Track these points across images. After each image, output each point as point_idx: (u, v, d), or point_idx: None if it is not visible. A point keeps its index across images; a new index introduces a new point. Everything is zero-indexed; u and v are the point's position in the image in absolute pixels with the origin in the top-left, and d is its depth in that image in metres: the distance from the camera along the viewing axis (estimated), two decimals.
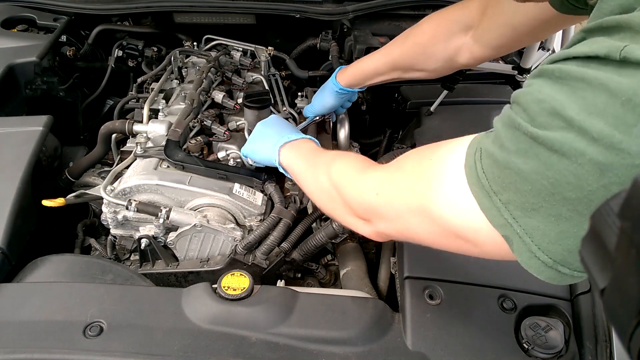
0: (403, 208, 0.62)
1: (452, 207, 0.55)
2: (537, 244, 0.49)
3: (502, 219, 0.50)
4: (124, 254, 1.15)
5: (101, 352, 0.74)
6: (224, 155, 1.14)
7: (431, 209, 0.57)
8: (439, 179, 0.57)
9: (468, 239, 0.55)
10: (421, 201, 0.59)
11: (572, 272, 0.49)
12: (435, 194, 0.57)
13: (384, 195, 0.65)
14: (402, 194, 0.62)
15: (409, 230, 0.63)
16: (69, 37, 1.50)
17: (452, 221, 0.55)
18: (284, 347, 0.75)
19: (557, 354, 0.75)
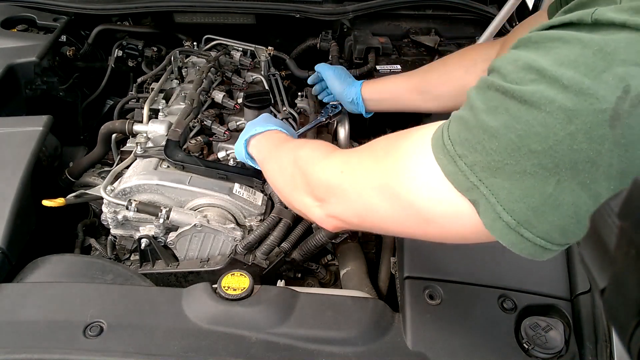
0: (366, 185, 0.60)
1: (416, 181, 0.54)
2: (502, 204, 0.48)
3: (468, 182, 0.50)
4: (124, 254, 1.15)
5: (101, 352, 0.74)
6: (224, 155, 1.14)
7: (394, 185, 0.56)
8: (406, 154, 0.56)
9: (430, 216, 0.54)
10: (386, 177, 0.57)
11: (534, 238, 0.48)
12: (400, 168, 0.56)
13: (348, 172, 0.64)
14: (368, 171, 0.61)
15: (369, 211, 0.61)
16: (69, 37, 1.50)
17: (415, 196, 0.54)
18: (284, 347, 0.75)
19: (557, 354, 0.75)
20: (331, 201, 0.67)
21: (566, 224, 0.47)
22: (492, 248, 0.92)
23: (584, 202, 0.45)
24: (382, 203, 0.59)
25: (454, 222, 0.53)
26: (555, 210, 0.46)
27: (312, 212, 0.72)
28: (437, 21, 1.61)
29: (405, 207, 0.56)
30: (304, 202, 0.73)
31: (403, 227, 0.59)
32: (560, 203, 0.46)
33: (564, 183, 0.45)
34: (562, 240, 0.49)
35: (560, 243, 0.49)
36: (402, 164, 0.56)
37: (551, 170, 0.45)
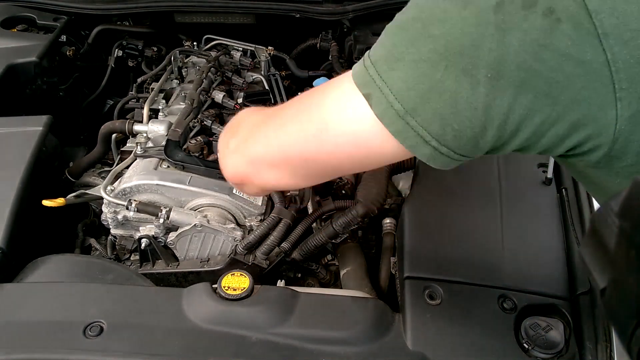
0: (285, 114, 0.65)
1: (330, 97, 0.58)
2: (395, 93, 0.51)
3: (368, 77, 0.53)
4: (124, 254, 1.15)
5: (101, 352, 0.74)
6: None
7: (311, 109, 0.59)
8: (325, 91, 0.60)
9: (332, 125, 0.57)
10: (306, 108, 0.61)
11: (417, 126, 0.51)
12: (325, 97, 0.59)
13: (272, 117, 0.67)
14: (291, 111, 0.65)
15: (282, 139, 0.64)
16: (69, 37, 1.50)
17: (326, 108, 0.58)
18: (284, 347, 0.75)
19: (557, 354, 0.75)
20: (248, 142, 0.69)
21: (445, 113, 0.50)
22: (492, 248, 0.92)
23: (464, 90, 0.49)
24: (295, 126, 0.62)
25: (352, 123, 0.56)
26: (439, 97, 0.50)
27: (227, 159, 0.73)
28: None
29: (312, 121, 0.59)
30: (225, 145, 0.75)
31: (308, 147, 0.61)
32: (445, 90, 0.49)
33: (451, 68, 0.48)
34: (439, 131, 0.51)
35: (437, 135, 0.52)
36: (326, 94, 0.59)
37: (442, 55, 0.49)
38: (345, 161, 0.60)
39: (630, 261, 0.35)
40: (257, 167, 0.68)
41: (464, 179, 1.06)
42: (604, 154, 0.50)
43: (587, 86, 0.46)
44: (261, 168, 0.68)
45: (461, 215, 0.97)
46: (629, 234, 0.35)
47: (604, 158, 0.51)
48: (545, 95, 0.47)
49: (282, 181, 0.68)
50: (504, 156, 1.10)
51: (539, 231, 0.95)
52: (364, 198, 1.04)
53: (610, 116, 0.47)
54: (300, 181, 0.70)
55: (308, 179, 0.69)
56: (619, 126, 0.47)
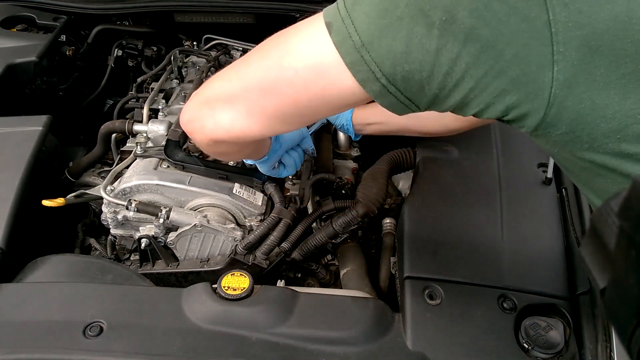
0: (251, 60, 0.64)
1: (300, 33, 0.59)
2: (356, 24, 0.53)
3: (335, 9, 0.55)
4: (124, 254, 1.15)
5: (101, 352, 0.74)
6: None
7: (278, 40, 0.60)
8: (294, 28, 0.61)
9: (296, 58, 0.57)
10: (272, 49, 0.61)
11: (370, 61, 0.53)
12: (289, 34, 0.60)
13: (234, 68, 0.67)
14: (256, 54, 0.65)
15: (242, 71, 0.64)
16: (69, 36, 1.50)
17: (295, 44, 0.58)
18: (284, 347, 0.75)
19: (557, 354, 0.75)
20: (211, 84, 0.69)
21: (398, 52, 0.51)
22: (492, 248, 0.92)
23: (420, 30, 0.50)
24: (255, 56, 0.63)
25: (313, 50, 0.57)
26: (395, 34, 0.51)
27: (186, 107, 0.72)
28: None
29: (280, 49, 0.60)
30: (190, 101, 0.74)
31: (272, 72, 0.61)
32: (401, 27, 0.51)
33: (410, 7, 0.50)
34: (390, 70, 0.53)
35: (388, 73, 0.53)
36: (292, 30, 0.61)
37: None
38: (303, 95, 0.60)
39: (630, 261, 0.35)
40: (211, 104, 0.67)
41: (464, 179, 1.06)
42: (540, 120, 0.51)
43: (529, 43, 0.48)
44: (216, 106, 0.67)
45: (461, 215, 0.97)
46: (629, 234, 0.35)
47: (540, 125, 0.52)
48: (490, 47, 0.49)
49: (236, 122, 0.66)
50: (504, 156, 1.10)
51: (539, 231, 0.95)
52: (364, 198, 1.04)
53: (547, 77, 0.48)
54: (256, 122, 0.66)
55: (264, 119, 0.66)
56: (554, 90, 0.49)
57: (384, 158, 1.17)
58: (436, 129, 1.08)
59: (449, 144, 1.13)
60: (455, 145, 1.13)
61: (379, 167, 1.14)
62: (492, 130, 1.14)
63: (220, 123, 0.67)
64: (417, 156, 1.13)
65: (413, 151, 1.16)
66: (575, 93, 0.48)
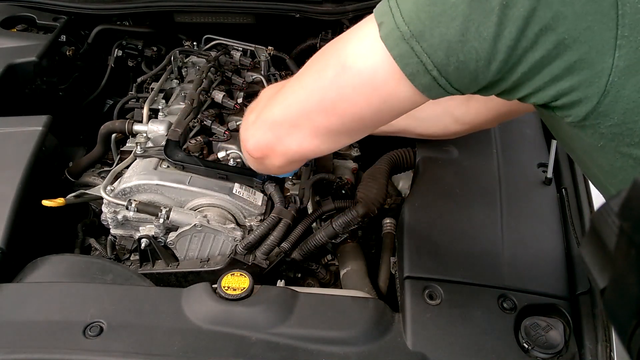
0: (307, 75, 0.63)
1: (353, 39, 0.58)
2: (404, 14, 0.51)
3: (385, 6, 0.53)
4: (124, 254, 1.15)
5: (101, 352, 0.74)
6: (224, 155, 1.14)
7: (330, 49, 0.60)
8: (348, 38, 0.59)
9: (350, 61, 0.56)
10: (327, 57, 0.61)
11: (421, 52, 0.51)
12: (346, 46, 0.59)
13: (291, 86, 0.66)
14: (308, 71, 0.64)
15: (298, 87, 0.63)
16: (69, 36, 1.50)
17: (348, 50, 0.57)
18: (284, 347, 0.75)
19: (557, 354, 0.75)
20: (266, 108, 0.69)
21: (453, 41, 0.49)
22: (492, 248, 0.92)
23: (477, 17, 0.48)
24: (313, 68, 0.62)
25: (366, 57, 0.55)
26: (450, 22, 0.49)
27: (247, 129, 0.72)
28: None
29: (333, 54, 0.59)
30: (248, 118, 0.74)
31: (329, 85, 0.60)
32: (457, 15, 0.48)
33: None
34: (443, 60, 0.50)
35: (440, 64, 0.51)
36: (348, 42, 0.59)
37: None
38: (365, 111, 0.58)
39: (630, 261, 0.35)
40: (277, 131, 0.67)
41: (464, 179, 1.06)
42: (592, 108, 0.49)
43: (591, 27, 0.45)
44: (282, 132, 0.66)
45: (461, 215, 0.97)
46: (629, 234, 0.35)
47: (591, 114, 0.50)
48: (550, 30, 0.46)
49: (304, 144, 0.66)
50: (504, 156, 1.10)
51: (539, 231, 0.95)
52: (364, 198, 1.04)
53: (607, 64, 0.46)
54: (323, 141, 0.66)
55: (330, 137, 0.66)
56: (612, 77, 0.47)
57: (384, 158, 1.17)
58: (437, 132, 1.08)
59: (449, 144, 1.13)
60: (455, 145, 1.13)
61: (379, 167, 1.14)
62: (492, 130, 1.14)
63: (290, 147, 0.67)
64: (417, 156, 1.13)
65: (413, 151, 1.16)
66: (634, 81, 0.46)
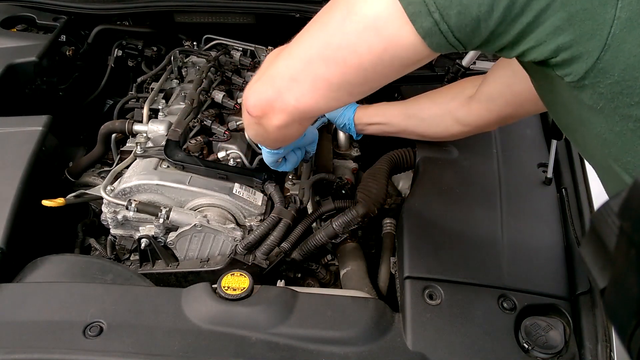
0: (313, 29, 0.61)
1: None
2: None
3: None
4: (124, 254, 1.15)
5: (101, 352, 0.74)
6: (224, 155, 1.14)
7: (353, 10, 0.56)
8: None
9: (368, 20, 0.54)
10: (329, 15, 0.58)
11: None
12: None
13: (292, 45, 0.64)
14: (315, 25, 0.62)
15: (299, 42, 0.61)
16: (69, 36, 1.50)
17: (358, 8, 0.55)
18: (284, 347, 0.75)
19: (557, 354, 0.75)
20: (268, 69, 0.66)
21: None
22: (492, 248, 0.92)
23: None
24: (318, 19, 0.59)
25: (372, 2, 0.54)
26: None
27: (249, 90, 0.70)
28: None
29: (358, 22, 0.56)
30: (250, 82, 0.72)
31: (333, 29, 0.58)
32: None
33: None
34: (445, 2, 0.50)
35: (442, 6, 0.50)
36: None
37: None
38: (366, 59, 0.57)
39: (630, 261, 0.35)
40: (277, 85, 0.65)
41: (464, 179, 1.06)
42: (592, 64, 0.48)
43: None
44: (282, 85, 0.64)
45: (461, 215, 0.97)
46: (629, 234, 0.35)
47: (591, 71, 0.49)
48: None
49: (303, 99, 0.63)
50: (504, 156, 1.10)
51: (539, 231, 0.95)
52: (364, 198, 1.04)
53: (609, 15, 0.45)
54: (323, 96, 0.63)
55: (330, 92, 0.63)
56: (613, 30, 0.46)
57: (384, 158, 1.17)
58: (438, 133, 1.08)
59: (449, 144, 1.13)
60: (455, 145, 1.13)
61: (379, 167, 1.14)
62: (492, 131, 1.14)
63: (289, 102, 0.65)
64: (417, 156, 1.13)
65: (413, 151, 1.16)
66: (636, 34, 0.45)
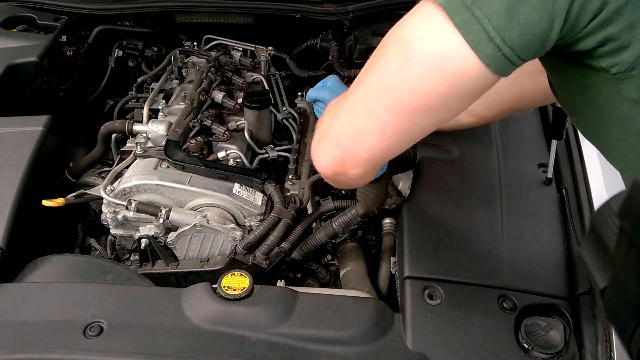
0: (373, 79, 0.60)
1: (425, 36, 0.54)
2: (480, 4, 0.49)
3: (463, 9, 0.50)
4: (124, 254, 1.15)
5: (101, 352, 0.74)
6: (224, 155, 1.14)
7: (388, 39, 0.57)
8: (409, 21, 0.57)
9: (436, 62, 0.53)
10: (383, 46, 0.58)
11: (483, 19, 0.49)
12: (409, 29, 0.56)
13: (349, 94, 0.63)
14: (371, 70, 0.60)
15: (360, 88, 0.60)
16: (69, 37, 1.50)
17: (424, 48, 0.54)
18: (284, 347, 0.75)
19: (557, 354, 0.75)
20: (331, 122, 0.65)
21: (512, 2, 0.48)
22: (492, 248, 0.92)
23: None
24: (375, 62, 0.58)
25: (430, 38, 0.53)
26: None
27: (316, 149, 0.68)
28: None
29: (394, 42, 0.56)
30: (315, 138, 0.70)
31: (396, 76, 0.56)
32: None
33: None
34: (505, 25, 0.49)
35: (502, 29, 0.49)
36: (411, 26, 0.57)
37: None
38: (433, 100, 0.55)
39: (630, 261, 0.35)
40: (344, 143, 0.63)
41: (464, 179, 1.06)
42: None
43: None
44: (349, 142, 0.63)
45: (461, 215, 0.97)
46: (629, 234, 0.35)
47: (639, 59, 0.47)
48: None
49: (373, 149, 0.62)
50: (504, 156, 1.10)
51: (539, 231, 0.95)
52: (364, 198, 1.04)
53: None
54: (394, 142, 0.62)
55: (400, 136, 0.61)
56: None
57: None
58: (448, 124, 1.07)
59: (449, 144, 1.13)
60: (456, 145, 1.12)
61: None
62: (492, 130, 1.14)
63: (360, 156, 0.63)
64: (417, 156, 1.13)
65: (413, 151, 1.16)
66: None
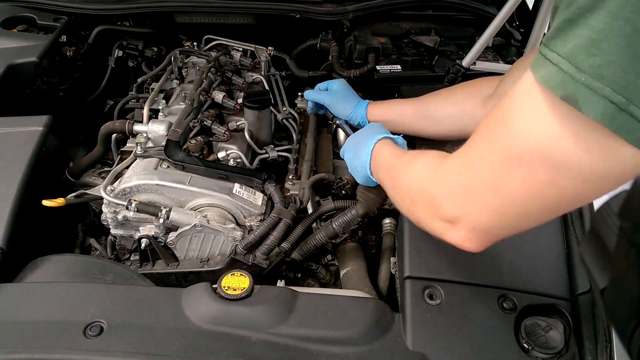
0: (489, 169, 0.56)
1: (536, 124, 0.49)
2: (609, 83, 0.42)
3: (562, 75, 0.44)
4: (124, 254, 1.15)
5: (101, 352, 0.74)
6: (224, 155, 1.14)
7: (516, 146, 0.51)
8: (513, 111, 0.52)
9: (555, 157, 0.48)
10: (505, 144, 0.52)
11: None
12: (515, 125, 0.51)
13: (465, 168, 0.60)
14: (483, 153, 0.57)
15: (505, 196, 0.56)
16: (69, 37, 1.50)
17: (538, 136, 0.49)
18: (284, 347, 0.75)
19: (557, 354, 0.75)
20: (461, 213, 0.62)
21: None
22: (492, 248, 0.92)
23: None
24: (515, 174, 0.52)
25: (570, 146, 0.46)
26: None
27: (449, 237, 0.67)
28: (437, 21, 1.61)
29: (537, 159, 0.50)
30: (435, 227, 0.68)
31: (546, 189, 0.51)
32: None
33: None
34: None
35: None
36: (515, 120, 0.51)
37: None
38: (573, 199, 0.51)
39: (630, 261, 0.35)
40: (479, 234, 0.63)
41: None
42: None
43: None
44: (487, 239, 0.64)
45: None
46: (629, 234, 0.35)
47: None
48: None
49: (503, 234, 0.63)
50: None
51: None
52: (364, 198, 1.04)
53: None
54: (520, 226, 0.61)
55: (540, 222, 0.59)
56: None
57: None
58: (452, 132, 1.07)
59: (449, 144, 1.13)
60: (456, 145, 1.12)
61: None
62: None
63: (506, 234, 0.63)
64: None
65: None
66: None
